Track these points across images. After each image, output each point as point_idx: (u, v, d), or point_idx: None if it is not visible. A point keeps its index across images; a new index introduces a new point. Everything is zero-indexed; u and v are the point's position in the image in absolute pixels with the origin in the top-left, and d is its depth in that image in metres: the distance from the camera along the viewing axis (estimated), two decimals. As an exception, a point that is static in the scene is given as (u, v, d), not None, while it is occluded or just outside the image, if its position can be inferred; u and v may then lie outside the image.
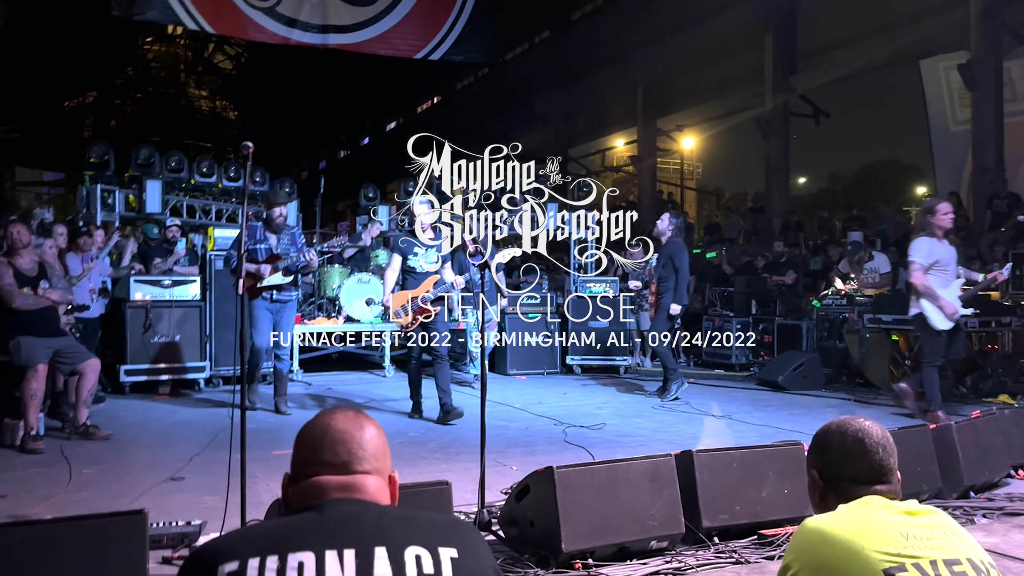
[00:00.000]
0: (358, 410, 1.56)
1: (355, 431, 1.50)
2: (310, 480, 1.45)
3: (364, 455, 1.48)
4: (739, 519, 3.74)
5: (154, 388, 7.92)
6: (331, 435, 1.48)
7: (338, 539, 1.34)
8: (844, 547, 1.72)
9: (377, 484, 1.49)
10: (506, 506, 3.68)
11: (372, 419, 1.55)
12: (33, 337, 5.43)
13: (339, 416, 1.52)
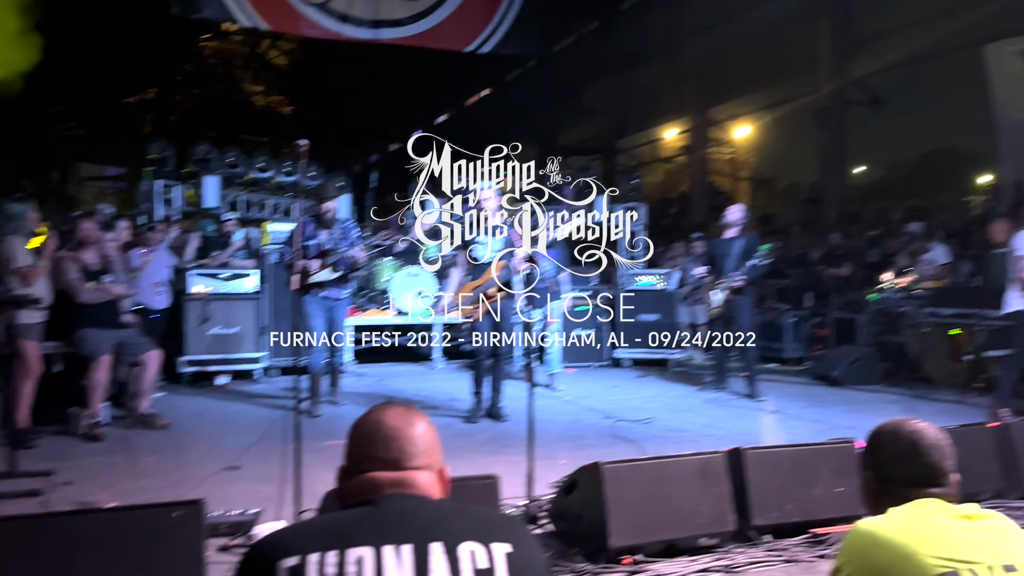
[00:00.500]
0: (409, 406, 1.59)
1: (406, 427, 1.53)
2: (364, 476, 1.48)
3: (415, 451, 1.51)
4: (791, 517, 3.71)
5: (211, 379, 8.13)
6: (383, 432, 1.51)
7: (395, 534, 1.36)
8: (897, 551, 1.70)
9: (428, 479, 1.51)
10: (554, 500, 3.70)
11: (423, 415, 1.58)
12: (97, 329, 5.63)
13: (390, 412, 1.55)
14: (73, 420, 5.67)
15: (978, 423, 4.61)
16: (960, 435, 4.34)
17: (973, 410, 6.72)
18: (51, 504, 4.07)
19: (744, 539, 3.63)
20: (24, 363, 5.41)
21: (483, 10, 11.14)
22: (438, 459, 1.57)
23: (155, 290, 7.65)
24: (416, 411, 1.59)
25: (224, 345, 8.05)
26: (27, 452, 5.02)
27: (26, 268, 5.28)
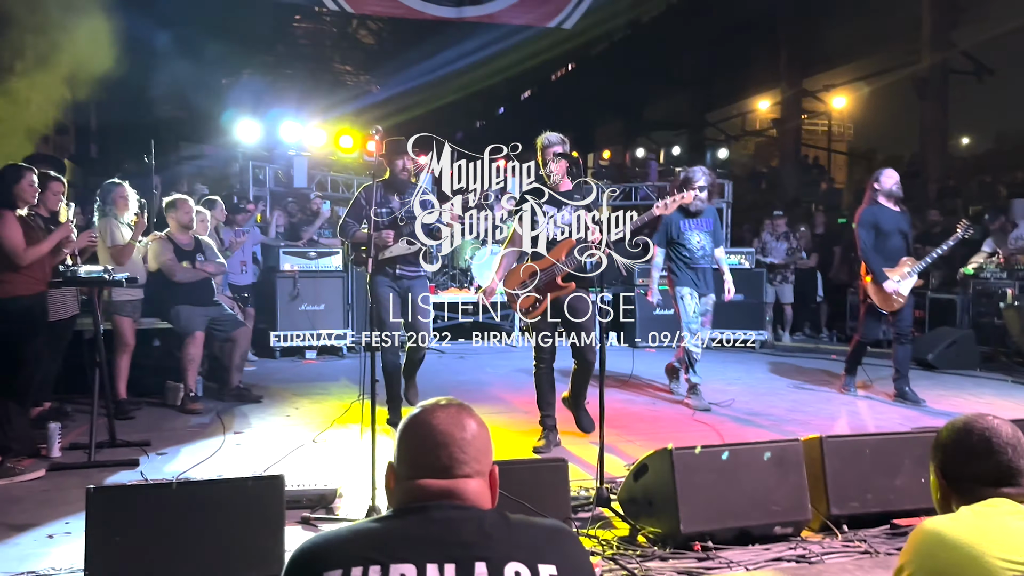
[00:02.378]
0: (460, 406, 1.55)
1: (457, 432, 1.49)
2: (413, 482, 1.46)
3: (466, 458, 1.47)
4: (870, 507, 3.61)
5: (301, 353, 8.42)
6: (433, 438, 1.48)
7: (439, 551, 1.35)
8: (963, 552, 1.64)
9: (478, 486, 1.49)
10: (625, 484, 3.70)
11: (474, 414, 1.55)
12: (191, 306, 5.89)
13: (441, 415, 1.51)
14: (170, 393, 5.98)
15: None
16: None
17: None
18: (147, 473, 4.32)
19: (821, 528, 3.56)
20: (119, 338, 5.73)
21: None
22: (489, 462, 1.53)
23: (242, 268, 7.95)
24: (468, 411, 1.55)
25: (312, 321, 8.32)
26: (126, 423, 5.33)
27: (120, 247, 5.57)
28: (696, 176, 6.12)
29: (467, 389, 6.96)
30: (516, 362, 8.52)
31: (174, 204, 6.12)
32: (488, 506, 1.50)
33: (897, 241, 6.19)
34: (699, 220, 6.20)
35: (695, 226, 6.20)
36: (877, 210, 6.23)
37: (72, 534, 3.39)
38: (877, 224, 6.18)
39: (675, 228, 6.20)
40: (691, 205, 5.83)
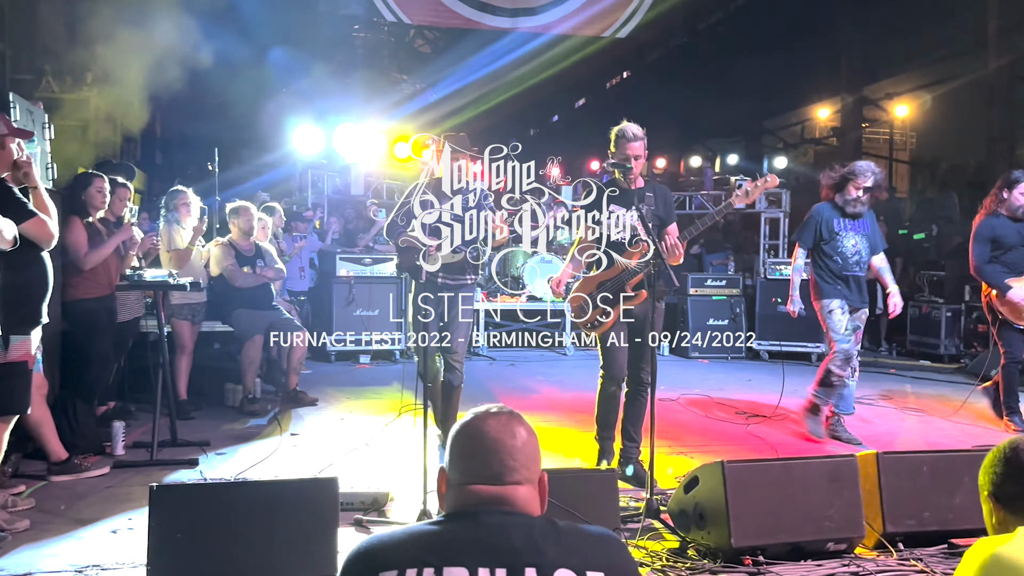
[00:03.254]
0: (511, 414, 1.58)
1: (507, 439, 1.52)
2: (464, 488, 1.50)
3: (516, 465, 1.50)
4: (927, 526, 3.53)
5: (355, 357, 8.56)
6: (484, 445, 1.51)
7: (491, 556, 1.38)
8: (1018, 574, 1.61)
9: (528, 493, 1.51)
10: (675, 495, 3.68)
11: (524, 422, 1.58)
12: (251, 310, 6.05)
13: (492, 423, 1.54)
14: (229, 394, 6.15)
15: None
16: None
17: None
18: (205, 472, 4.45)
19: (876, 546, 3.49)
20: (177, 340, 5.90)
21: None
22: (537, 469, 1.56)
23: (300, 273, 8.11)
24: (518, 419, 1.58)
25: (367, 325, 8.46)
26: (186, 423, 5.49)
27: (178, 251, 5.74)
28: (862, 171, 5.36)
29: (517, 396, 6.99)
30: (567, 369, 8.55)
31: (236, 211, 6.28)
32: (537, 512, 1.52)
33: (1020, 253, 5.63)
34: (858, 222, 5.42)
35: (852, 227, 5.41)
36: (996, 222, 5.68)
37: (134, 530, 3.51)
38: (996, 237, 5.65)
39: (826, 227, 5.44)
40: (849, 206, 5.34)
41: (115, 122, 11.38)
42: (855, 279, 5.40)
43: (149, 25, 8.31)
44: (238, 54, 11.10)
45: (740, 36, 17.85)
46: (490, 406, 1.59)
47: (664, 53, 20.81)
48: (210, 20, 10.37)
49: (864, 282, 5.48)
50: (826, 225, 5.44)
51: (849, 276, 5.38)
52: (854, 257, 5.37)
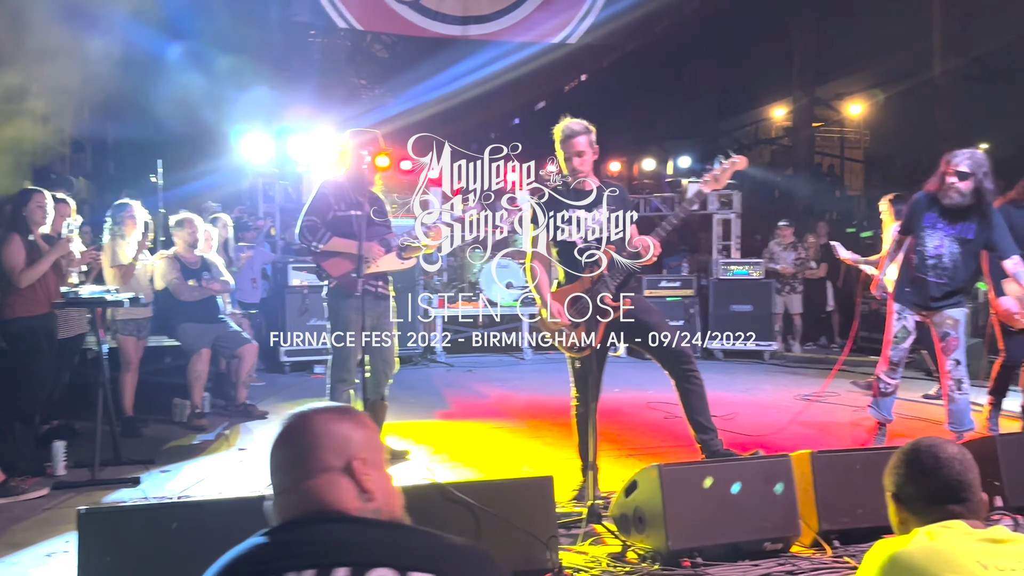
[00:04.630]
0: (309, 410, 1.48)
1: (311, 433, 1.44)
2: (280, 496, 1.44)
3: (314, 460, 1.40)
4: (861, 523, 3.59)
5: (311, 368, 8.49)
6: (279, 454, 1.46)
7: (305, 560, 1.27)
8: (914, 575, 1.66)
9: (337, 483, 1.39)
10: (616, 500, 3.71)
11: (326, 410, 1.48)
12: (197, 324, 5.98)
13: (283, 430, 1.48)
14: (177, 409, 6.07)
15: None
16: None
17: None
18: (149, 491, 4.39)
19: (811, 544, 3.55)
20: (122, 356, 5.82)
21: (571, 0, 11.12)
22: (343, 454, 1.41)
23: (252, 285, 8.04)
24: (310, 412, 1.48)
25: (322, 336, 8.38)
26: (133, 440, 5.41)
27: (122, 267, 5.66)
28: (960, 154, 4.78)
29: (471, 401, 6.99)
30: (524, 374, 8.58)
31: (181, 223, 6.21)
32: (354, 502, 1.40)
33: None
34: (958, 226, 4.81)
35: (942, 226, 4.85)
36: (1016, 212, 5.17)
37: (70, 553, 3.45)
38: (1012, 226, 4.99)
39: (917, 220, 4.91)
40: (947, 197, 4.74)
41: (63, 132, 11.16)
42: (934, 285, 4.86)
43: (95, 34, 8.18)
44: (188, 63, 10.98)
45: (695, 39, 18.05)
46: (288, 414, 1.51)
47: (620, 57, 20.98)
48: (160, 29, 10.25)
49: (944, 288, 4.87)
50: (918, 217, 4.92)
51: (925, 279, 4.88)
52: (932, 260, 4.86)
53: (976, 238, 4.83)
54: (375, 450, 1.47)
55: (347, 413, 1.49)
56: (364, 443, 1.45)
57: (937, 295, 4.89)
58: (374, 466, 1.44)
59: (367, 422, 1.50)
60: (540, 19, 10.93)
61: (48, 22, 7.09)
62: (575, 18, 11.09)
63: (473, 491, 3.19)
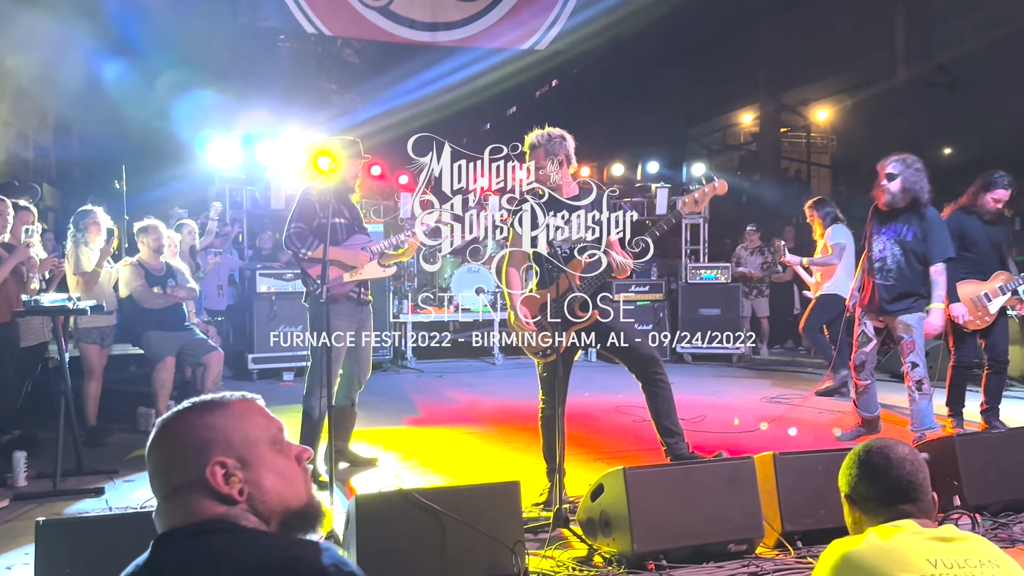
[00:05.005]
0: (172, 415, 1.36)
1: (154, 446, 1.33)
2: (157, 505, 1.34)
3: (166, 479, 1.30)
4: (824, 523, 3.64)
5: (279, 375, 8.44)
6: (147, 465, 1.35)
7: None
8: (866, 574, 1.70)
9: (189, 500, 1.27)
10: (583, 504, 3.73)
11: (183, 416, 1.35)
12: (161, 332, 5.91)
13: (149, 440, 1.36)
14: (141, 419, 6.00)
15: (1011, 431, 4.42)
16: (1009, 437, 4.21)
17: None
18: (112, 501, 4.33)
19: (776, 545, 3.60)
20: (85, 365, 5.74)
21: (540, 7, 11.17)
22: (191, 468, 1.28)
23: (218, 291, 7.97)
24: (191, 410, 1.35)
25: (289, 343, 8.34)
26: (96, 450, 5.34)
27: (86, 275, 5.59)
28: (888, 162, 5.05)
29: (441, 406, 6.98)
30: (495, 379, 8.59)
31: (145, 229, 6.13)
32: (218, 511, 1.27)
33: (988, 252, 5.44)
34: (891, 226, 5.09)
35: (884, 230, 5.12)
36: (966, 218, 5.43)
37: (31, 565, 3.40)
38: (963, 232, 5.35)
39: (869, 226, 5.22)
40: (881, 200, 5.00)
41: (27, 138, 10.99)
42: (880, 287, 5.08)
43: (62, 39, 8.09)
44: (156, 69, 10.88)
45: (663, 46, 18.22)
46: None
47: (590, 63, 21.12)
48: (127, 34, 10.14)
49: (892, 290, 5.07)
50: (869, 224, 5.22)
51: (873, 283, 5.11)
52: (877, 263, 5.10)
53: (915, 239, 5.01)
54: (247, 445, 1.33)
55: (212, 409, 1.34)
56: (228, 441, 1.31)
57: (886, 297, 5.06)
58: (245, 464, 1.30)
59: (242, 411, 1.36)
60: (509, 26, 10.98)
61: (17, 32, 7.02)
62: (543, 25, 11.15)
63: (439, 497, 3.19)
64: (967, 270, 5.44)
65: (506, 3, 10.92)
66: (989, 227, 5.47)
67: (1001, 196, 5.40)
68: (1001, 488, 3.94)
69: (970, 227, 5.44)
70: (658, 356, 4.27)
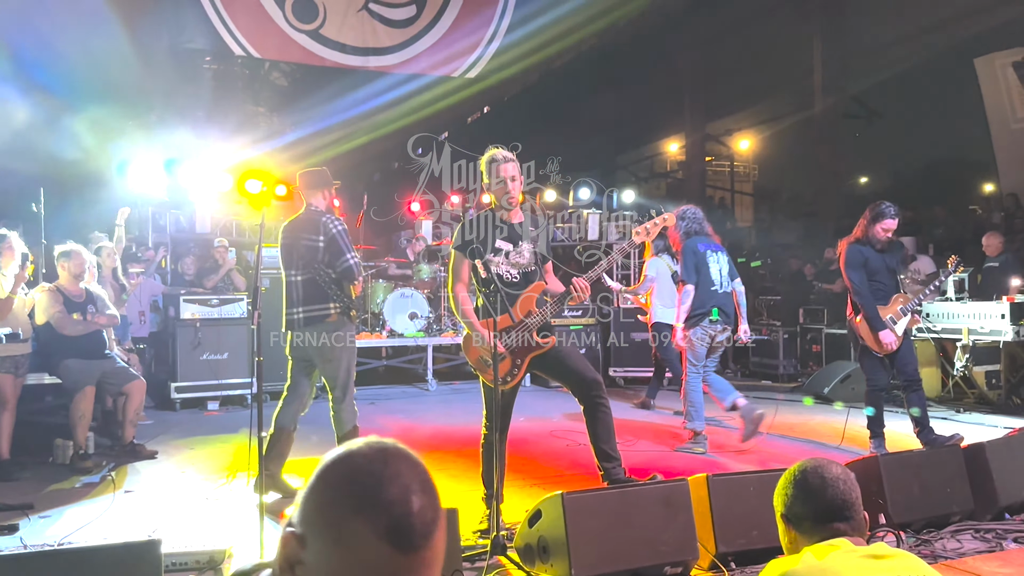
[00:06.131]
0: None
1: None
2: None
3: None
4: (756, 544, 3.70)
5: (203, 404, 8.18)
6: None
7: None
8: (805, 594, 1.73)
9: None
10: (520, 530, 3.72)
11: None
12: (80, 360, 5.68)
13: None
14: (59, 450, 5.73)
15: (950, 444, 4.60)
16: (929, 457, 4.36)
17: (960, 426, 6.71)
18: (27, 538, 4.11)
19: (710, 566, 3.64)
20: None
21: (471, 34, 11.27)
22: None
23: (140, 318, 7.71)
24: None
25: (215, 370, 8.11)
26: (10, 484, 5.07)
27: (0, 301, 5.34)
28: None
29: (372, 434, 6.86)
30: (429, 405, 8.50)
31: (67, 254, 5.90)
32: None
33: (887, 278, 5.78)
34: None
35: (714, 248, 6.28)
36: (864, 249, 5.74)
37: (-65, 609, 3.20)
38: (866, 262, 5.70)
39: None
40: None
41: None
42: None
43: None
44: (74, 89, 10.53)
45: (593, 75, 18.58)
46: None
47: (522, 90, 21.36)
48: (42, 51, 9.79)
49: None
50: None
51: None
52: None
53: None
54: None
55: None
56: None
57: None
58: None
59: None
60: (440, 53, 11.03)
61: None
62: (475, 53, 11.25)
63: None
64: (875, 298, 5.71)
65: (438, 30, 10.97)
66: (883, 255, 5.77)
67: (889, 226, 5.69)
68: (923, 505, 4.08)
69: (870, 256, 5.73)
70: (600, 380, 4.31)
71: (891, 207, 5.73)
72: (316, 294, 4.79)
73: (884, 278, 5.75)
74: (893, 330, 5.66)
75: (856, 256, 5.71)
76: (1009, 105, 12.39)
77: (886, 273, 5.76)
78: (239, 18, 10.22)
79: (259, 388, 3.98)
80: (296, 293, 4.85)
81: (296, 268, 4.87)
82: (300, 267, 4.84)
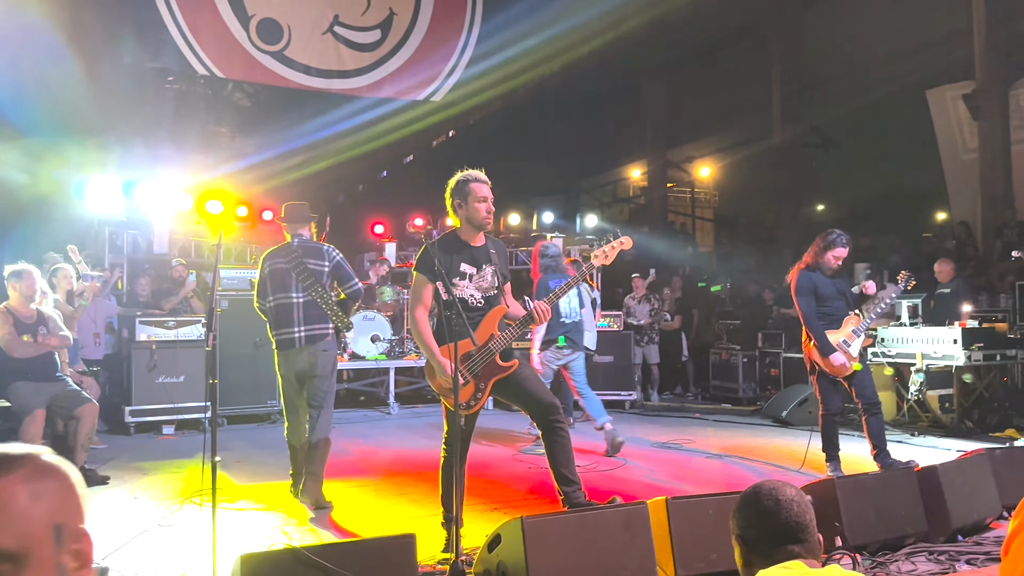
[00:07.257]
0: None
1: None
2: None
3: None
4: (716, 567, 3.71)
5: (158, 428, 8.01)
6: None
7: None
8: (759, 616, 1.73)
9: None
10: (479, 555, 3.68)
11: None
12: (30, 382, 5.54)
13: None
14: (5, 477, 5.56)
15: (904, 466, 4.67)
16: (884, 479, 4.42)
17: (915, 450, 6.82)
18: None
19: (670, 591, 3.64)
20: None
21: (436, 59, 11.35)
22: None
23: (95, 340, 7.55)
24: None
25: (171, 394, 7.95)
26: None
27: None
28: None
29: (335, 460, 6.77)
30: (389, 430, 8.41)
31: (18, 274, 5.77)
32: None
33: (838, 302, 5.84)
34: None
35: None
36: (814, 276, 5.82)
37: None
38: (816, 288, 5.79)
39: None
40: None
41: None
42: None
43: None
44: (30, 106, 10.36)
45: (558, 101, 18.77)
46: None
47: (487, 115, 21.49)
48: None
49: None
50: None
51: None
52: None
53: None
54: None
55: None
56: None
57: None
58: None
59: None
60: (406, 77, 11.08)
61: None
62: (440, 77, 11.32)
63: (330, 554, 3.08)
64: (825, 323, 5.78)
65: (403, 54, 11.03)
66: (834, 280, 5.87)
67: (840, 254, 5.80)
68: (879, 528, 4.12)
69: (819, 282, 5.82)
70: (558, 404, 4.29)
71: (842, 236, 5.83)
72: (317, 314, 5.19)
73: (835, 302, 5.83)
74: (846, 352, 5.73)
75: (806, 283, 5.80)
76: (960, 136, 12.75)
77: (837, 297, 5.84)
78: (203, 38, 10.18)
79: (214, 412, 3.90)
80: (297, 314, 5.18)
81: (295, 291, 5.20)
82: (301, 289, 5.20)
